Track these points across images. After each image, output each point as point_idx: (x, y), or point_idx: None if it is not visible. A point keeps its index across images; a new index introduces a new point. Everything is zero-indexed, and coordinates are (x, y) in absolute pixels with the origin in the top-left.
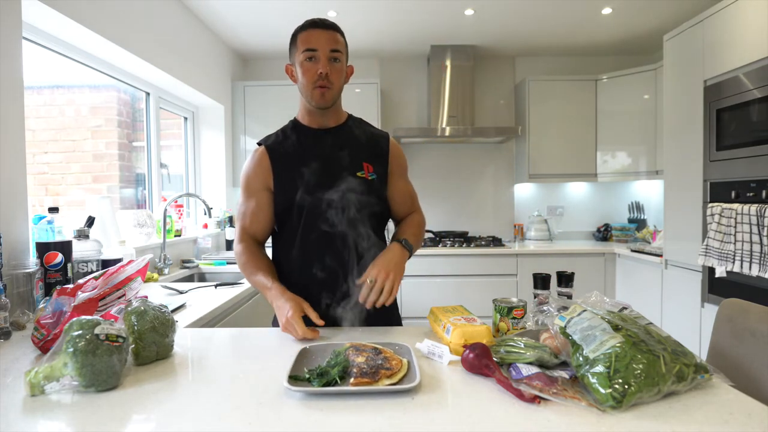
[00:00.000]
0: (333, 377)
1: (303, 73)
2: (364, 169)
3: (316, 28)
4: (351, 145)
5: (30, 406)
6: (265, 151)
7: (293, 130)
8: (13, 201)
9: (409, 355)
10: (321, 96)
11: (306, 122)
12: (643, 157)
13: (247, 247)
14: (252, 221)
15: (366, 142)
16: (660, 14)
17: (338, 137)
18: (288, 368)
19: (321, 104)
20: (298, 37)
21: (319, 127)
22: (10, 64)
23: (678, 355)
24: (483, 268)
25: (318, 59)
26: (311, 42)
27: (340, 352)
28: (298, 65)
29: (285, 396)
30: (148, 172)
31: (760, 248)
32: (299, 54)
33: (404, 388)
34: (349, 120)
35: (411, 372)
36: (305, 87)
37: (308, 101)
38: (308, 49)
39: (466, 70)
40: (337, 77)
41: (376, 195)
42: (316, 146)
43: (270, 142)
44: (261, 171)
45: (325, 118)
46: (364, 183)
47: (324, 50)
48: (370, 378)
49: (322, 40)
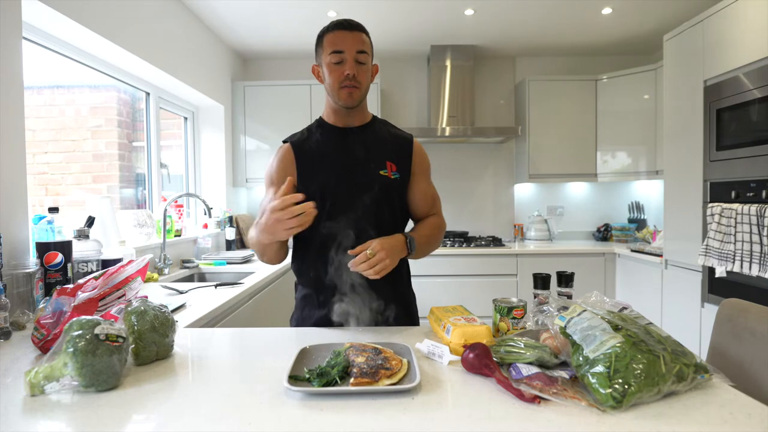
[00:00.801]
0: (333, 377)
1: (330, 74)
2: (388, 167)
3: (342, 29)
4: (375, 144)
5: (30, 406)
6: (290, 147)
7: (318, 128)
8: (13, 201)
9: (409, 355)
10: (348, 96)
11: (331, 121)
12: (643, 157)
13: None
14: None
15: (390, 142)
16: (660, 14)
17: (363, 136)
18: (288, 368)
19: (348, 104)
20: (325, 38)
21: (345, 125)
22: (10, 64)
23: (678, 355)
24: (483, 268)
25: (345, 61)
26: (338, 44)
27: (340, 352)
28: (325, 66)
29: (285, 396)
30: (148, 172)
31: (760, 248)
32: (326, 55)
33: (404, 388)
34: (375, 120)
35: (411, 372)
36: (332, 87)
37: (335, 101)
38: (335, 51)
39: (466, 70)
40: (364, 77)
41: (398, 194)
42: (340, 143)
43: (295, 139)
44: (284, 166)
45: (350, 117)
46: (387, 181)
47: (350, 52)
48: (370, 378)
49: (348, 41)
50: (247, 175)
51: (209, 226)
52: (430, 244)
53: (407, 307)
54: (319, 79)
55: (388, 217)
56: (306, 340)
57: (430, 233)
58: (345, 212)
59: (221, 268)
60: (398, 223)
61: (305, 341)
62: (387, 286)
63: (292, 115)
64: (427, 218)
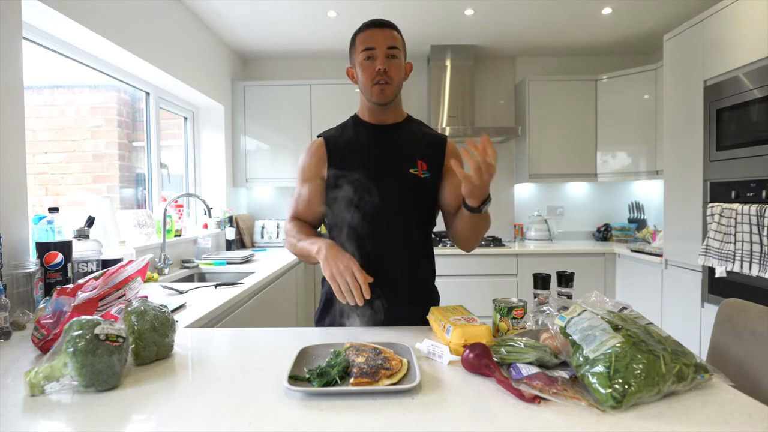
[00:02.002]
0: (333, 377)
1: (362, 71)
2: (418, 166)
3: (373, 27)
4: (407, 143)
5: (30, 406)
6: (323, 141)
7: (353, 125)
8: (13, 201)
9: (409, 355)
10: (380, 92)
11: (366, 118)
12: (643, 157)
13: (296, 224)
14: (303, 207)
15: (423, 141)
16: (660, 14)
17: (395, 133)
18: (288, 368)
19: (381, 100)
20: (357, 38)
21: (378, 123)
22: (10, 64)
23: (678, 355)
24: (483, 268)
25: (376, 57)
26: (369, 41)
27: (340, 353)
28: (358, 65)
29: (285, 396)
30: (148, 172)
31: (760, 248)
32: (358, 54)
33: (404, 388)
34: (409, 119)
35: (411, 372)
36: (365, 84)
37: (368, 98)
38: (366, 48)
39: (466, 70)
40: (396, 73)
41: (427, 193)
42: (372, 140)
43: (329, 134)
44: (316, 160)
45: (384, 114)
46: (417, 180)
47: (381, 48)
48: (370, 378)
49: (379, 38)
50: (247, 175)
51: (209, 226)
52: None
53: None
54: (354, 81)
55: (416, 216)
56: (306, 340)
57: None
58: (373, 208)
59: (221, 268)
60: (425, 222)
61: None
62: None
63: (292, 115)
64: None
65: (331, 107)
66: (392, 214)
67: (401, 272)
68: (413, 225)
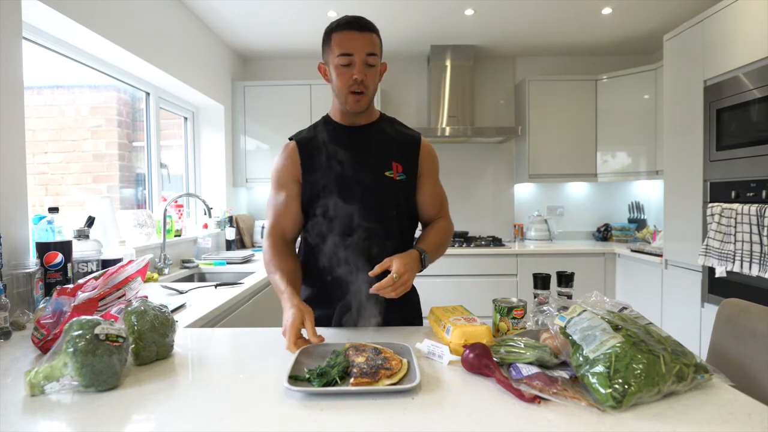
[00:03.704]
0: (333, 377)
1: (338, 77)
2: (393, 168)
3: (351, 29)
4: (381, 144)
5: (30, 406)
6: (296, 146)
7: (324, 126)
8: (13, 201)
9: (410, 355)
10: (356, 102)
11: (338, 119)
12: (643, 157)
13: (273, 244)
14: (281, 214)
15: (397, 141)
16: (660, 14)
17: (369, 135)
18: (288, 368)
19: (355, 110)
20: (333, 37)
21: (351, 124)
22: (10, 64)
23: (678, 355)
24: (483, 268)
25: (354, 64)
26: (347, 46)
27: (340, 353)
28: (333, 68)
29: (285, 396)
30: (148, 172)
31: (760, 248)
32: (334, 56)
33: (404, 388)
34: (381, 118)
35: (411, 372)
36: (339, 90)
37: (342, 105)
38: (344, 53)
39: (466, 70)
40: (372, 81)
41: (404, 195)
42: (346, 143)
43: (300, 137)
44: (291, 164)
45: (357, 116)
46: (392, 183)
47: (360, 55)
48: (371, 378)
49: (358, 44)
50: (247, 175)
51: (209, 226)
52: (439, 250)
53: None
54: (326, 78)
55: (394, 219)
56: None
57: (439, 240)
58: (349, 213)
59: (221, 268)
60: (404, 225)
61: None
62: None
63: (292, 115)
64: (435, 223)
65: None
66: (369, 219)
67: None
68: (393, 228)
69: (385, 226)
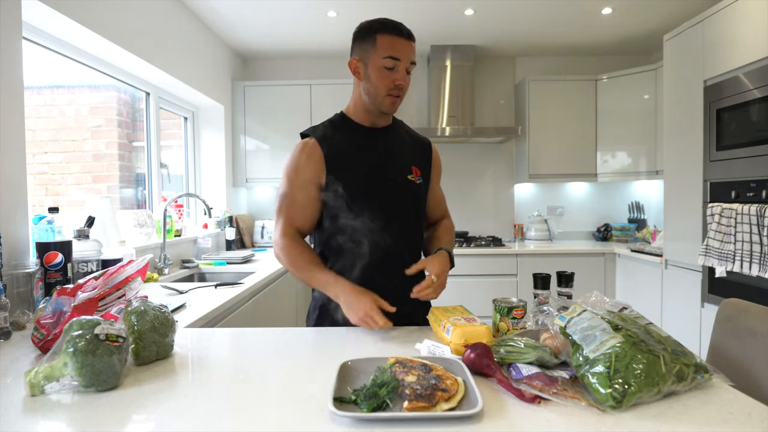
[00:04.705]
0: (383, 399)
1: (379, 78)
2: (413, 173)
3: (400, 36)
4: (401, 148)
5: (30, 406)
6: (317, 143)
7: (343, 124)
8: (13, 201)
9: (463, 373)
10: (392, 104)
11: (358, 119)
12: (643, 157)
13: (293, 241)
14: (301, 214)
15: (412, 146)
16: (660, 14)
17: (389, 137)
18: (331, 389)
19: (390, 111)
20: (379, 39)
21: (371, 125)
22: (10, 64)
23: (678, 355)
24: (483, 268)
25: (398, 69)
26: (396, 50)
27: (386, 369)
28: (374, 68)
29: (285, 396)
30: (148, 172)
31: (760, 248)
32: (378, 57)
33: (467, 414)
34: (395, 122)
35: (470, 393)
36: (377, 90)
37: (376, 106)
38: (391, 56)
39: (466, 70)
40: (407, 87)
41: (421, 199)
42: (369, 143)
43: (320, 135)
44: (313, 163)
45: (379, 118)
46: (414, 187)
47: (405, 62)
48: (427, 401)
49: (405, 50)
50: (247, 175)
51: (209, 226)
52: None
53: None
54: (356, 75)
55: (410, 221)
56: (306, 340)
57: (451, 238)
58: (371, 214)
59: (221, 268)
60: (416, 227)
61: (305, 341)
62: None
63: (292, 115)
64: (443, 222)
65: (331, 107)
66: (396, 223)
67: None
68: (416, 232)
69: (411, 229)
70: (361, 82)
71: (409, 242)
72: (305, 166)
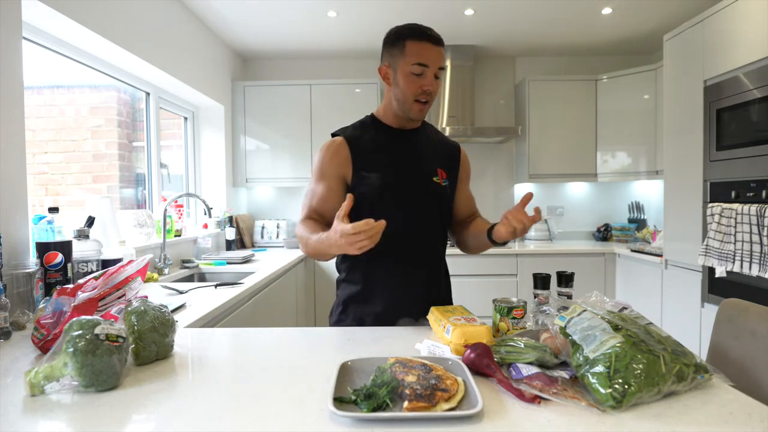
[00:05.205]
0: (383, 399)
1: (407, 84)
2: (439, 175)
3: (429, 41)
4: (429, 150)
5: (30, 406)
6: (344, 141)
7: (373, 125)
8: (13, 201)
9: (464, 373)
10: (420, 111)
11: (388, 121)
12: (643, 157)
13: (303, 223)
14: (321, 203)
15: (441, 148)
16: (660, 14)
17: (417, 139)
18: (331, 389)
19: (419, 117)
20: (408, 45)
21: (400, 127)
22: (10, 64)
23: (678, 355)
24: (483, 268)
25: (426, 76)
26: (424, 57)
27: (385, 369)
28: (403, 74)
29: (285, 396)
30: (148, 172)
31: (760, 248)
32: (407, 64)
33: (467, 414)
34: (425, 125)
35: (470, 394)
36: (405, 96)
37: (405, 112)
38: (420, 63)
39: (466, 70)
40: (436, 92)
41: (446, 201)
42: (397, 144)
43: (348, 134)
44: (338, 159)
45: (409, 121)
46: (439, 189)
47: (434, 67)
48: (427, 401)
49: (434, 55)
50: (247, 175)
51: (209, 226)
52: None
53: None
54: (386, 81)
55: (433, 223)
56: (306, 339)
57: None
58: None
59: (221, 268)
60: (440, 229)
61: (305, 341)
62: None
63: (292, 115)
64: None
65: (331, 107)
66: (419, 222)
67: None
68: (430, 231)
69: (434, 230)
70: (391, 87)
71: (432, 243)
72: (329, 162)
